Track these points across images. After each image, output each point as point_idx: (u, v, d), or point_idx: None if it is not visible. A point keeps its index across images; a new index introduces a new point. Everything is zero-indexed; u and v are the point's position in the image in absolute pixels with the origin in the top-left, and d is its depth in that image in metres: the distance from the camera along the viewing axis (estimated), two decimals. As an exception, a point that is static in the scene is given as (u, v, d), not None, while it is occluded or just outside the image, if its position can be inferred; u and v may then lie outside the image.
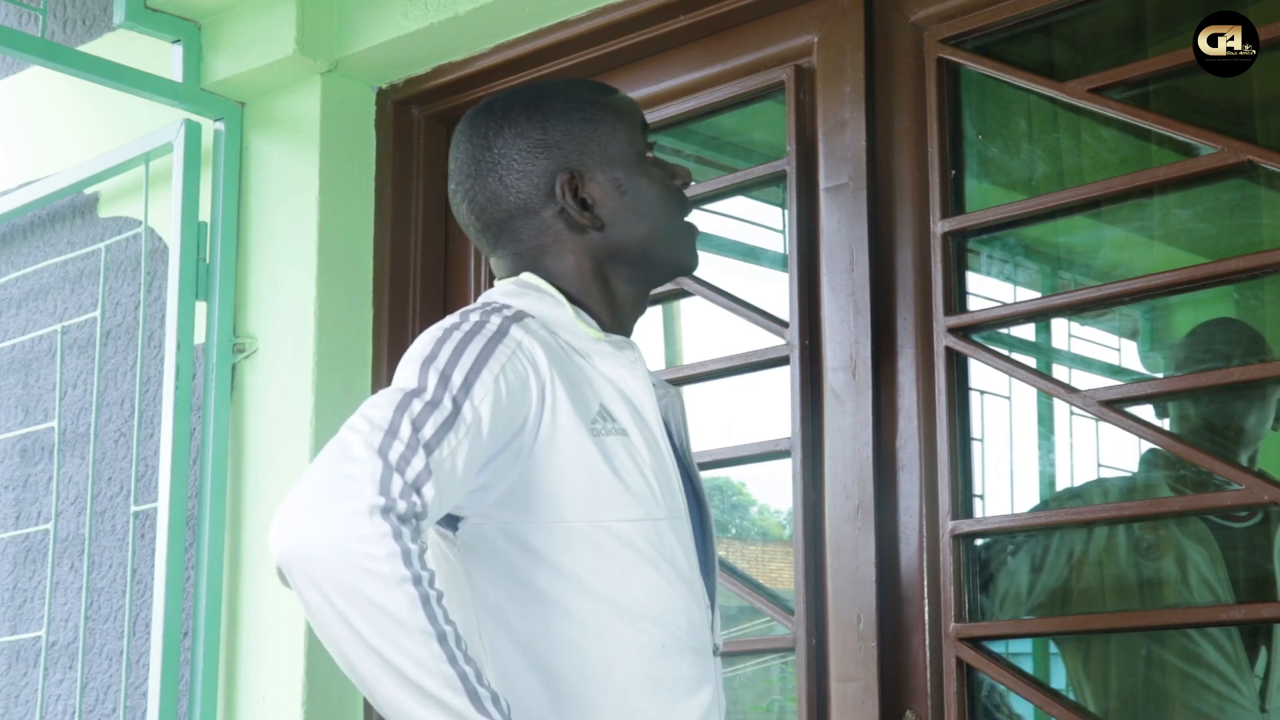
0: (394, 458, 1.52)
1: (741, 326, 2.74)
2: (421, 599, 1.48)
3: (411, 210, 3.20)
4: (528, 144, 1.80)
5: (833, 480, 2.52)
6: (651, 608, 1.68)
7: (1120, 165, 2.69)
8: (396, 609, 1.47)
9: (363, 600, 1.47)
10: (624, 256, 1.81)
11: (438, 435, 1.55)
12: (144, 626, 3.21)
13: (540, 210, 1.79)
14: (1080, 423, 2.71)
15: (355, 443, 1.53)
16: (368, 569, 1.47)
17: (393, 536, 1.48)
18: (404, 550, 1.48)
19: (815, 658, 2.51)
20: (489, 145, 1.81)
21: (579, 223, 1.79)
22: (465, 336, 1.64)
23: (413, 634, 1.47)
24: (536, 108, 1.82)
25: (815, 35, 2.68)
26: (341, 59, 3.12)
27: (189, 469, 3.12)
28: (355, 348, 3.12)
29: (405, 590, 1.47)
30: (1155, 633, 2.60)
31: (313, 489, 1.51)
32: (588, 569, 1.66)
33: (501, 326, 1.67)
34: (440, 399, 1.58)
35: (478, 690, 1.49)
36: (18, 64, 3.78)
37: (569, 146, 1.80)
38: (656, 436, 1.75)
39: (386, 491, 1.50)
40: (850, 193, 2.58)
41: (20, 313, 3.73)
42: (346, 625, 1.48)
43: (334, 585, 1.48)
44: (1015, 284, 2.88)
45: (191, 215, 3.18)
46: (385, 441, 1.52)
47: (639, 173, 1.82)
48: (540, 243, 1.80)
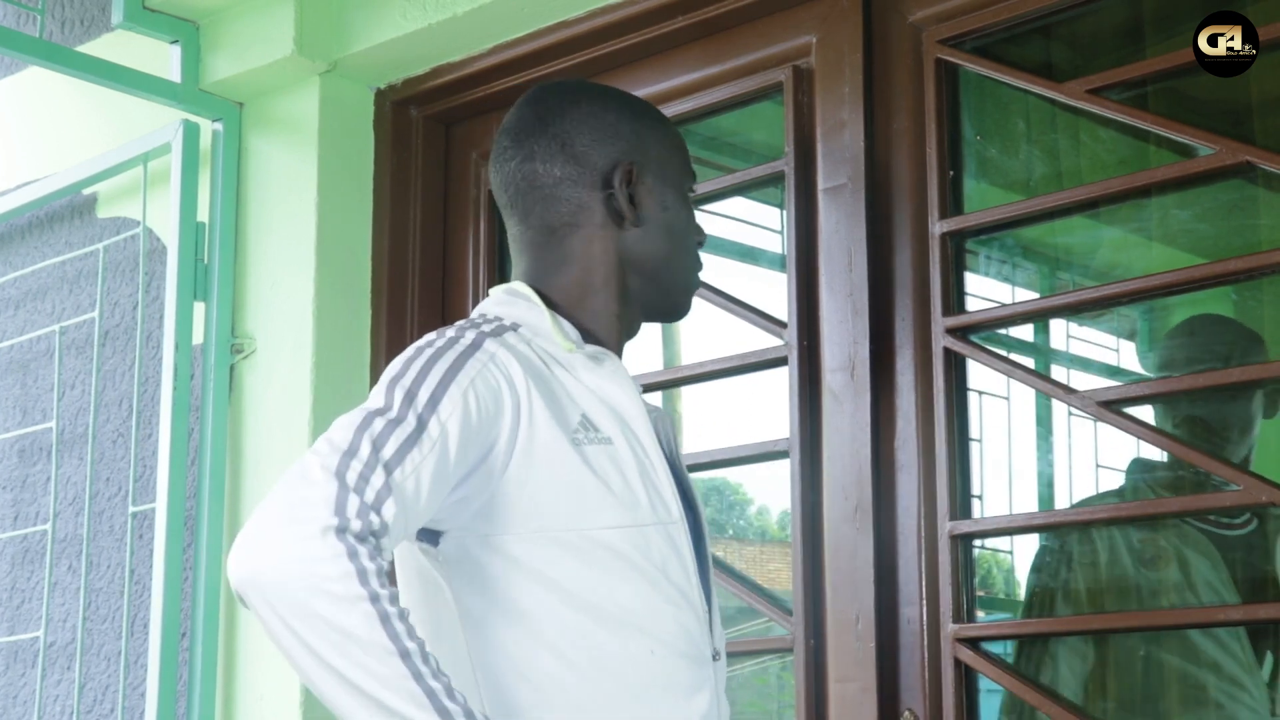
0: (351, 478, 1.52)
1: (740, 327, 2.74)
2: (380, 616, 1.48)
3: (410, 210, 3.20)
4: (601, 124, 1.81)
5: (831, 481, 2.52)
6: (639, 614, 1.67)
7: (1119, 166, 2.69)
8: (354, 628, 1.47)
9: (319, 621, 1.48)
10: (644, 268, 1.82)
11: (399, 453, 1.56)
12: (142, 627, 3.20)
13: (589, 189, 1.80)
14: (1079, 423, 2.71)
15: (313, 465, 1.54)
16: (323, 589, 1.47)
17: (347, 556, 1.48)
18: (360, 569, 1.49)
19: (813, 658, 2.51)
20: (562, 113, 1.82)
21: (620, 213, 1.80)
22: (436, 353, 1.65)
23: (373, 652, 1.48)
24: (615, 99, 1.86)
25: (814, 36, 2.68)
26: (340, 59, 3.12)
27: (187, 469, 3.12)
28: (353, 348, 3.12)
29: (362, 609, 1.48)
30: (1162, 640, 2.59)
31: (268, 513, 1.52)
32: (572, 577, 1.65)
33: (475, 340, 1.68)
34: (404, 416, 1.58)
35: (446, 706, 1.49)
36: (16, 64, 3.78)
37: (636, 144, 1.82)
38: (645, 445, 1.74)
39: (341, 512, 1.50)
40: (849, 193, 2.58)
41: (18, 313, 3.73)
42: (306, 648, 1.48)
43: (290, 608, 1.48)
44: (1014, 284, 2.88)
45: (190, 215, 3.17)
46: (343, 462, 1.53)
47: (680, 200, 1.85)
48: (575, 220, 1.80)
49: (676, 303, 1.88)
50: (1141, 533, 2.60)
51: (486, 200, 3.16)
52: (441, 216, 3.21)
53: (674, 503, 1.74)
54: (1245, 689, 2.52)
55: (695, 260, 1.88)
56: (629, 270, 1.81)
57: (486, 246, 3.15)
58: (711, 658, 1.75)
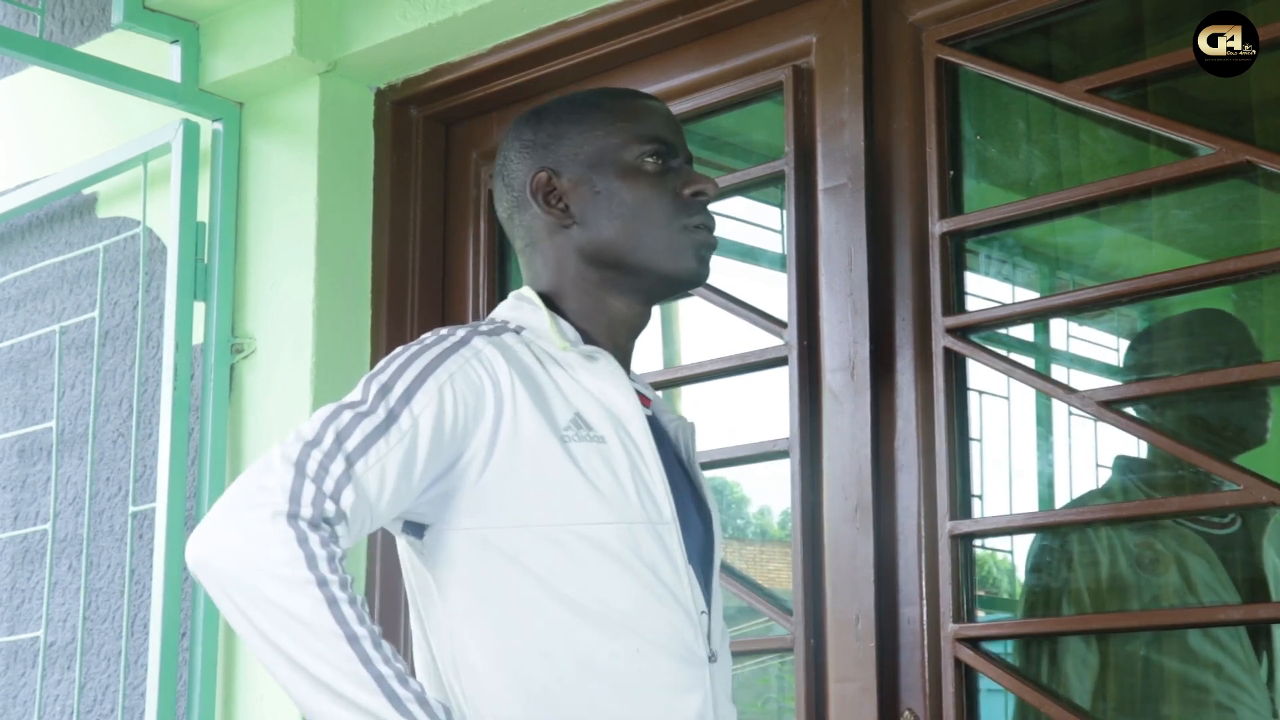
0: (311, 467, 1.55)
1: (740, 327, 2.74)
2: (328, 600, 1.50)
3: (410, 210, 3.20)
4: (520, 144, 1.86)
5: (831, 480, 2.52)
6: (627, 612, 1.67)
7: (1119, 166, 2.69)
8: (300, 611, 1.50)
9: (266, 604, 1.51)
10: (603, 258, 1.80)
11: (364, 444, 1.58)
12: (142, 627, 3.20)
13: (526, 209, 1.84)
14: (1079, 423, 2.71)
15: (275, 455, 1.57)
16: (270, 572, 1.50)
17: (296, 541, 1.51)
18: (309, 554, 1.51)
19: (813, 658, 2.51)
20: (502, 150, 1.89)
21: (548, 219, 1.82)
22: (421, 349, 1.69)
23: (321, 636, 1.50)
24: (539, 111, 1.89)
25: (814, 36, 2.68)
26: (340, 59, 3.12)
27: (187, 469, 3.12)
28: (353, 348, 3.12)
29: (309, 593, 1.50)
30: (1162, 643, 2.59)
31: (226, 500, 1.56)
32: (556, 572, 1.66)
33: (464, 338, 1.70)
34: (374, 408, 1.61)
35: (396, 691, 1.50)
36: (16, 64, 3.78)
37: (551, 146, 1.84)
38: (639, 445, 1.74)
39: (295, 499, 1.53)
40: (849, 193, 2.58)
41: (19, 313, 3.73)
42: (256, 630, 1.52)
43: (242, 592, 1.51)
44: (1014, 284, 2.88)
45: (190, 215, 3.17)
46: (304, 452, 1.56)
47: (618, 175, 1.81)
48: (530, 240, 1.84)
49: (668, 273, 1.81)
50: (1139, 535, 2.60)
51: (486, 200, 3.16)
52: (441, 216, 3.21)
53: (666, 504, 1.74)
54: (1246, 690, 2.52)
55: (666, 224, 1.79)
56: (594, 266, 1.81)
57: (486, 246, 3.15)
58: (707, 659, 1.74)
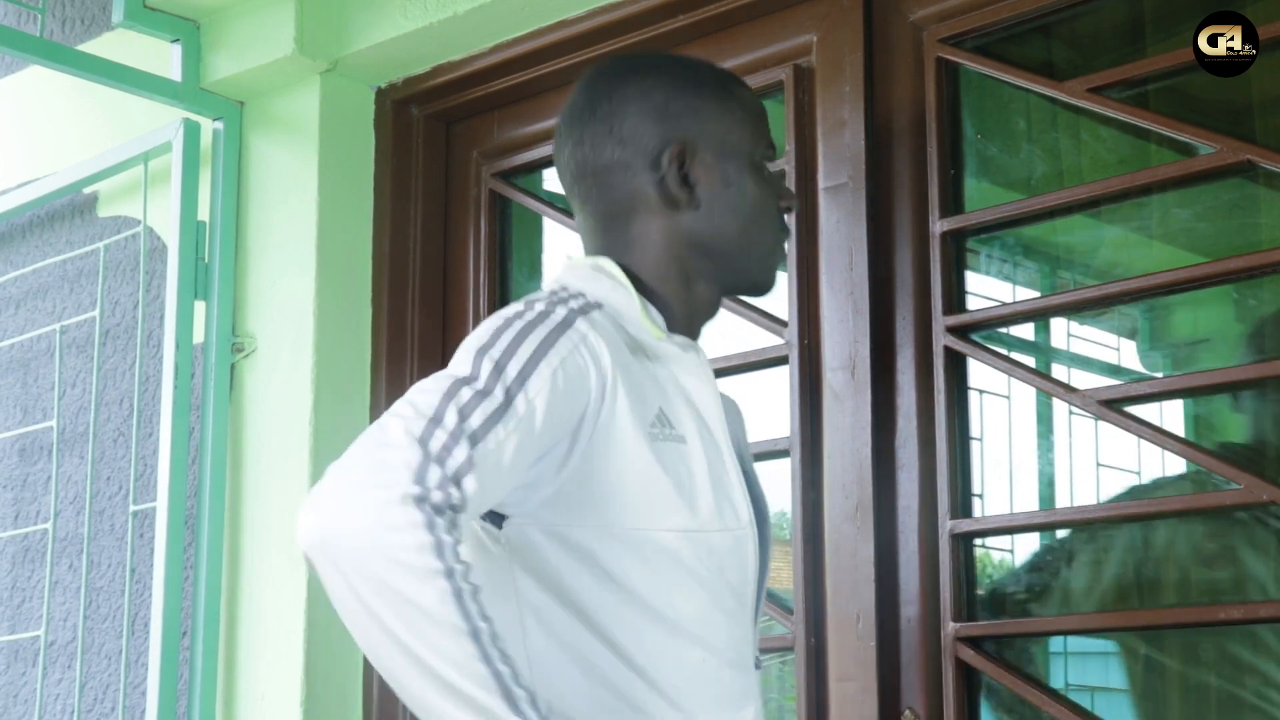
0: (435, 447, 1.45)
1: (740, 326, 2.74)
2: (454, 593, 1.41)
3: (410, 210, 3.20)
4: (649, 105, 1.74)
5: (832, 480, 2.52)
6: (693, 622, 1.62)
7: (1119, 165, 2.69)
8: (427, 603, 1.40)
9: (392, 593, 1.41)
10: (710, 249, 1.74)
11: (485, 426, 1.49)
12: (143, 626, 3.21)
13: (640, 173, 1.73)
14: (1079, 422, 2.71)
15: (395, 428, 1.46)
16: (398, 560, 1.40)
17: (425, 527, 1.41)
18: (437, 542, 1.41)
19: (814, 657, 2.51)
20: (609, 95, 1.75)
21: (674, 197, 1.72)
22: (527, 326, 1.58)
23: (444, 629, 1.41)
24: (668, 73, 1.77)
25: (814, 35, 2.68)
26: (340, 58, 3.12)
27: (188, 468, 3.12)
28: (354, 347, 3.12)
29: (437, 584, 1.41)
30: (1199, 645, 2.57)
31: (346, 474, 1.45)
32: (633, 577, 1.59)
33: (566, 318, 1.60)
34: (492, 388, 1.51)
35: (512, 690, 1.42)
36: (16, 63, 3.78)
37: (688, 120, 1.74)
38: (720, 446, 1.68)
39: (422, 481, 1.43)
40: (849, 192, 2.58)
41: (19, 312, 3.73)
42: (374, 618, 1.42)
43: (362, 576, 1.41)
44: (1014, 283, 2.88)
45: (190, 215, 3.18)
46: (428, 429, 1.46)
47: (748, 172, 1.76)
48: (631, 206, 1.73)
49: (756, 280, 1.79)
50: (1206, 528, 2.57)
51: (487, 200, 3.16)
52: (441, 216, 3.21)
53: (744, 508, 1.69)
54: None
55: (772, 232, 1.79)
56: (694, 253, 1.74)
57: (487, 246, 3.15)
58: (754, 666, 1.71)
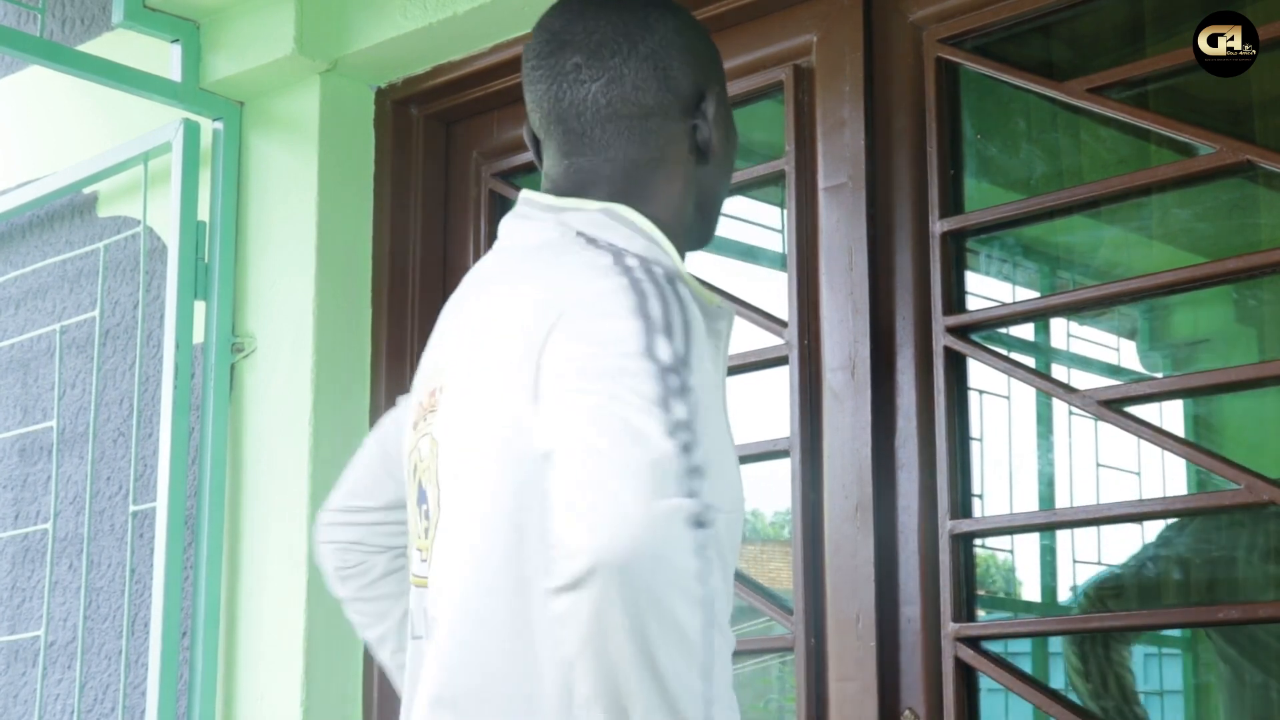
0: (693, 459, 1.32)
1: (740, 326, 2.73)
2: (708, 621, 1.30)
3: (410, 210, 3.20)
4: (686, 45, 1.60)
5: (831, 480, 2.52)
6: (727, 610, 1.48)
7: (1119, 165, 2.69)
8: (691, 629, 1.29)
9: (665, 616, 1.28)
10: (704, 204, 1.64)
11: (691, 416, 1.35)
12: (143, 626, 3.21)
13: (677, 120, 1.58)
14: (1079, 422, 2.72)
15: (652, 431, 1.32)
16: (680, 586, 1.28)
17: (699, 550, 1.30)
18: (706, 567, 1.30)
19: (814, 657, 2.51)
20: (649, 27, 1.58)
21: (706, 147, 1.60)
22: (666, 303, 1.41)
23: (695, 657, 1.29)
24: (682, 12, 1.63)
25: (814, 35, 2.68)
26: (340, 59, 3.12)
27: (188, 468, 3.12)
28: (354, 347, 3.12)
29: (701, 613, 1.29)
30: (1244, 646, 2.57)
31: (620, 480, 1.30)
32: (730, 565, 1.47)
33: (678, 290, 1.43)
34: (686, 381, 1.36)
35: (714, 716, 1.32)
36: (16, 63, 3.78)
37: (711, 67, 1.62)
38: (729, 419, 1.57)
39: (695, 494, 1.30)
40: (849, 192, 2.58)
41: (19, 312, 3.73)
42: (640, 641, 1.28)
43: (647, 598, 1.27)
44: (1014, 284, 2.88)
45: (190, 215, 3.17)
46: (680, 434, 1.32)
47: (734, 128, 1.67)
48: (664, 154, 1.58)
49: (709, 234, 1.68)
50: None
51: (487, 200, 3.16)
52: (441, 216, 3.21)
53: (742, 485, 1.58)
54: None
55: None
56: (695, 207, 1.62)
57: (486, 246, 3.14)
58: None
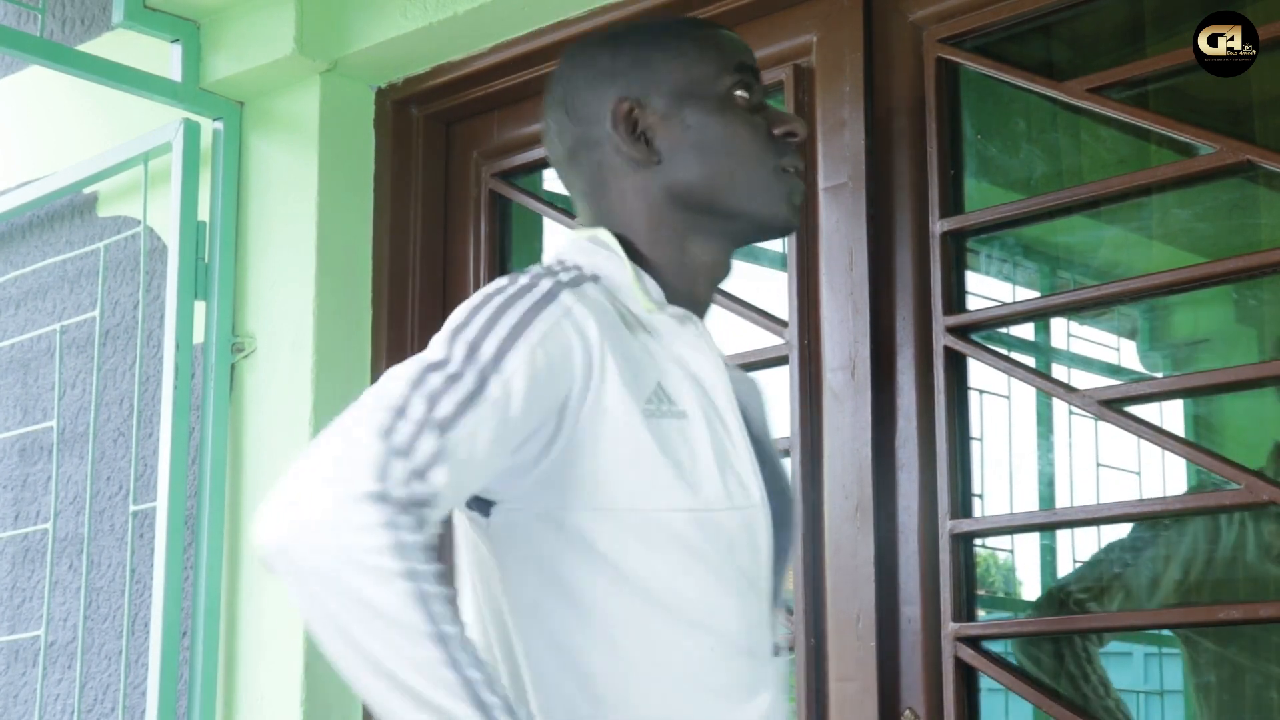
0: (399, 440, 1.37)
1: (740, 326, 2.74)
2: (417, 596, 1.33)
3: (410, 210, 3.20)
4: (595, 71, 1.67)
5: (831, 480, 2.52)
6: (700, 609, 1.52)
7: (1119, 165, 2.69)
8: (387, 606, 1.33)
9: (351, 597, 1.34)
10: (689, 201, 1.64)
11: (456, 413, 1.40)
12: (143, 626, 3.21)
13: (601, 143, 1.65)
14: (1079, 422, 2.72)
15: (357, 423, 1.38)
16: (357, 562, 1.33)
17: (387, 526, 1.33)
18: (398, 542, 1.33)
19: (814, 657, 2.51)
20: (561, 79, 1.70)
21: (632, 155, 1.64)
22: (506, 301, 1.49)
23: (407, 633, 1.33)
24: (615, 36, 1.71)
25: (814, 35, 2.68)
26: (341, 59, 3.12)
27: (188, 468, 3.12)
28: (354, 347, 3.12)
29: (398, 586, 1.33)
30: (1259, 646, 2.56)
31: (304, 474, 1.37)
32: (632, 561, 1.50)
33: (550, 290, 1.50)
34: (463, 372, 1.42)
35: (484, 698, 1.33)
36: (16, 63, 3.78)
37: (633, 74, 1.66)
38: (727, 421, 1.58)
39: (385, 477, 1.35)
40: (849, 192, 2.58)
41: (19, 312, 3.73)
42: (334, 624, 1.36)
43: (320, 579, 1.35)
44: (1014, 283, 2.88)
45: (190, 215, 3.17)
46: (391, 421, 1.38)
47: (712, 110, 1.65)
48: (599, 180, 1.66)
49: (760, 219, 1.66)
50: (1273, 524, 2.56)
51: (487, 200, 3.16)
52: (441, 216, 3.21)
53: (755, 485, 1.58)
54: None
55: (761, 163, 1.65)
56: (676, 208, 1.64)
57: (486, 246, 3.15)
58: (772, 653, 1.61)
